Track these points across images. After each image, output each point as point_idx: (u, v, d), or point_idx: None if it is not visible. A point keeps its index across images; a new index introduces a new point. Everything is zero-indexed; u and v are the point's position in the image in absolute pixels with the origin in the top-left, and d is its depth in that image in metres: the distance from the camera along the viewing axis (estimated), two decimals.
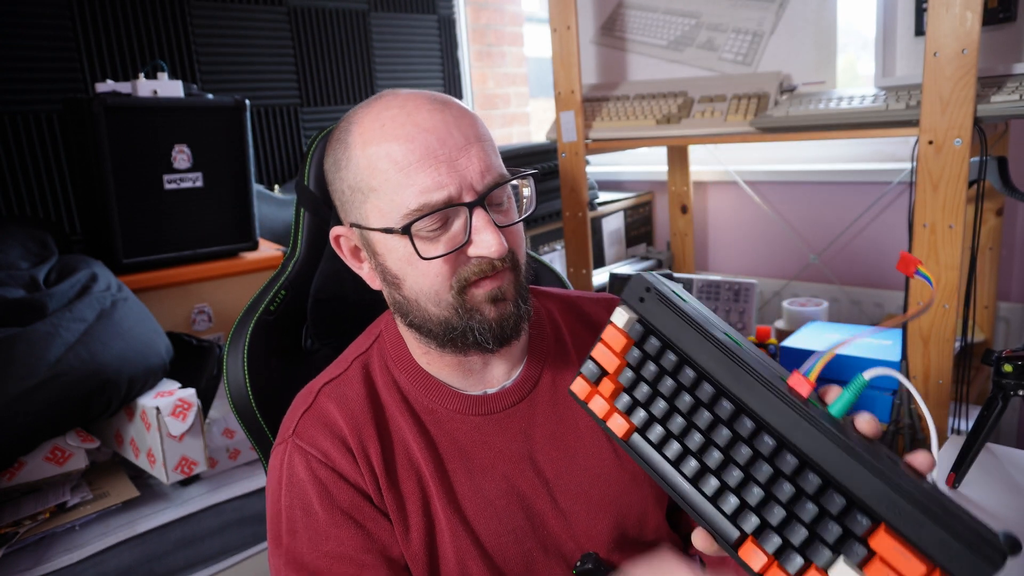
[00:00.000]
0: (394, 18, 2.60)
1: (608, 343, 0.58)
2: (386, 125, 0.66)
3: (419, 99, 0.67)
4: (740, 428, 0.51)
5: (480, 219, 0.66)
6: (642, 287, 0.57)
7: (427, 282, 0.68)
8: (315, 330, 0.89)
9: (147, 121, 1.62)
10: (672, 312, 0.55)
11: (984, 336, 1.72)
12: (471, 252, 0.67)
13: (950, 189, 1.22)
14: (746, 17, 1.68)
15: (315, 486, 0.70)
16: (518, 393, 0.76)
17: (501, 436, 0.75)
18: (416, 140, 0.65)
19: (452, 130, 0.66)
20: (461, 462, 0.73)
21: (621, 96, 1.80)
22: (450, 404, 0.75)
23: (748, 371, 0.51)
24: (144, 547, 1.33)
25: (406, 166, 0.64)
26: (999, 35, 1.37)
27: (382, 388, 0.75)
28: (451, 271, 0.67)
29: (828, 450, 0.47)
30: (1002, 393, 0.99)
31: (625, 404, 0.56)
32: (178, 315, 1.71)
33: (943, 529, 0.43)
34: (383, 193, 0.66)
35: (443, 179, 0.64)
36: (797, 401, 0.49)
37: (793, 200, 2.17)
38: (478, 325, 0.68)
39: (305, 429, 0.72)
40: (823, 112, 1.40)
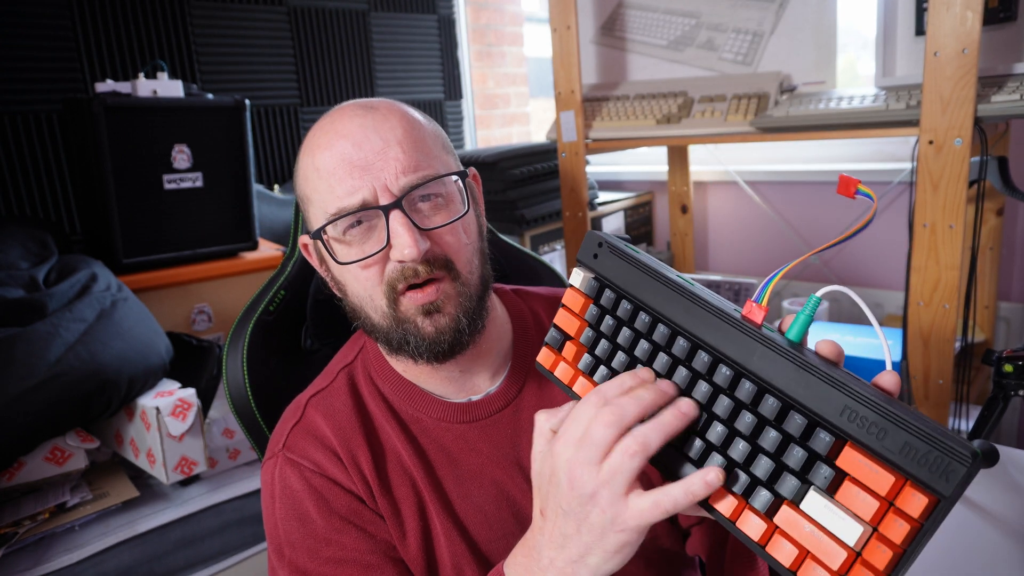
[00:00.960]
0: (394, 18, 2.60)
1: (568, 307, 0.59)
2: (315, 135, 0.68)
3: (348, 107, 0.68)
4: (697, 364, 0.50)
5: (396, 221, 0.64)
6: (595, 243, 0.57)
7: (360, 286, 0.68)
8: (314, 330, 0.89)
9: (147, 121, 1.62)
10: (624, 261, 0.55)
11: (984, 336, 1.72)
12: (391, 256, 0.65)
13: (950, 189, 1.22)
14: (746, 17, 1.68)
15: (310, 494, 0.69)
16: (503, 399, 0.75)
17: (488, 442, 0.74)
18: (334, 147, 0.65)
19: (369, 134, 0.65)
20: (450, 469, 0.73)
21: (621, 96, 1.80)
22: (434, 412, 0.74)
23: (700, 304, 0.51)
24: (144, 547, 1.33)
25: (327, 174, 0.65)
26: (999, 35, 1.37)
27: (368, 398, 0.75)
28: (378, 276, 0.66)
29: (784, 369, 0.46)
30: (1002, 393, 0.99)
31: (587, 364, 0.57)
32: (178, 315, 1.71)
33: (906, 431, 0.41)
34: (315, 201, 0.68)
35: (356, 183, 0.64)
36: (751, 328, 0.48)
37: (793, 200, 2.17)
38: (413, 338, 0.67)
39: (295, 442, 0.72)
40: (823, 112, 1.40)
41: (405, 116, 0.68)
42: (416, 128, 0.68)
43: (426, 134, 0.69)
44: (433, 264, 0.66)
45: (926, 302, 1.27)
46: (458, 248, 0.68)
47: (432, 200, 0.67)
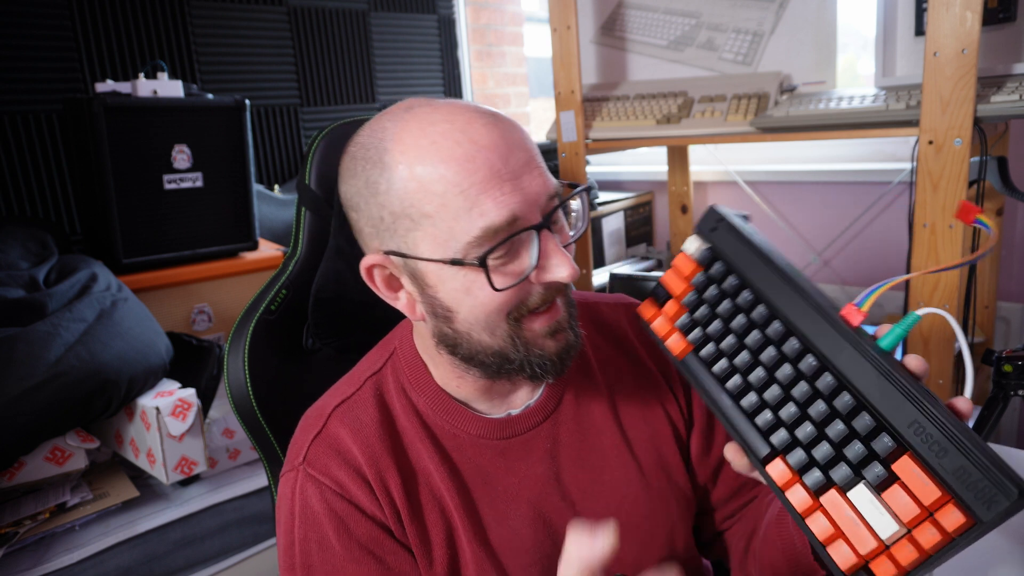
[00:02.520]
0: (394, 18, 2.60)
1: (678, 268, 0.61)
2: (438, 142, 0.58)
3: (468, 112, 0.60)
4: (787, 349, 0.53)
5: (549, 243, 0.60)
6: (715, 218, 0.60)
7: (484, 314, 0.61)
8: (316, 330, 0.89)
9: (147, 121, 1.62)
10: (739, 240, 0.58)
11: (984, 336, 1.72)
12: (542, 278, 0.61)
13: (950, 189, 1.22)
14: (746, 17, 1.68)
15: (331, 519, 0.66)
16: (542, 413, 0.73)
17: (526, 459, 0.71)
18: (477, 160, 0.57)
19: (512, 147, 0.59)
20: (485, 490, 0.70)
21: (621, 96, 1.80)
22: (473, 429, 0.70)
23: (803, 296, 0.53)
24: (144, 547, 1.33)
25: (468, 188, 0.57)
26: (999, 35, 1.37)
27: (399, 412, 0.71)
28: (517, 300, 0.61)
29: (866, 372, 0.49)
30: (1002, 393, 0.99)
31: (684, 324, 0.60)
32: (178, 315, 1.71)
33: (965, 457, 0.44)
34: (440, 220, 0.58)
35: (508, 200, 0.58)
36: (847, 328, 0.51)
37: (793, 200, 2.17)
38: (538, 360, 0.64)
39: (317, 456, 0.68)
40: (823, 112, 1.40)
41: (522, 128, 0.64)
42: (531, 141, 0.63)
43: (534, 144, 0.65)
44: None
45: (926, 302, 1.27)
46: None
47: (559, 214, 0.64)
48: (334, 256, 0.89)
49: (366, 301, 0.89)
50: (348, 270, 0.89)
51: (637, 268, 2.22)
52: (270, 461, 0.87)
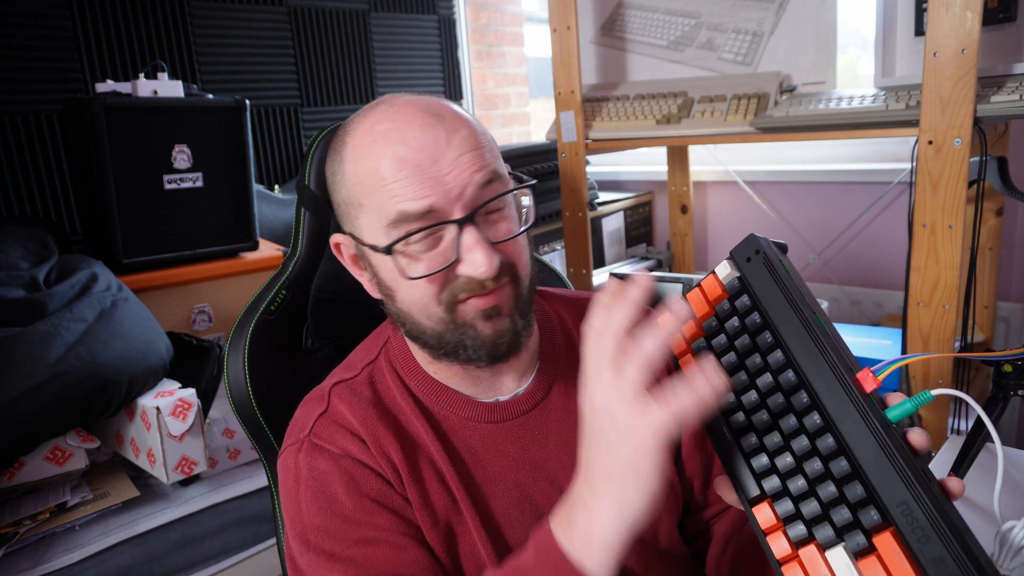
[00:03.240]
0: (394, 18, 2.60)
1: (704, 290, 0.61)
2: (377, 142, 0.64)
3: (412, 112, 0.65)
4: (795, 401, 0.53)
5: (470, 237, 0.63)
6: (752, 248, 0.59)
7: (415, 295, 0.66)
8: (316, 330, 0.89)
9: (147, 121, 1.62)
10: (772, 278, 0.57)
11: (984, 336, 1.72)
12: (460, 271, 0.64)
13: (950, 189, 1.22)
14: (746, 17, 1.68)
15: (339, 475, 0.68)
16: (530, 401, 0.75)
17: (513, 444, 0.73)
18: (406, 160, 0.62)
19: (443, 147, 0.63)
20: (478, 468, 0.72)
21: (621, 96, 1.80)
22: (462, 411, 0.73)
23: (822, 353, 0.53)
24: (144, 547, 1.33)
25: (390, 179, 0.63)
26: (999, 35, 1.37)
27: (395, 394, 0.74)
28: (439, 288, 0.65)
29: (868, 444, 0.49)
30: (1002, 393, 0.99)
31: (700, 348, 0.59)
32: (178, 315, 1.71)
33: (945, 548, 0.45)
34: (370, 208, 0.65)
35: (425, 191, 0.62)
36: (857, 393, 0.51)
37: (793, 200, 2.17)
38: (471, 342, 0.66)
39: (322, 428, 0.70)
40: (823, 112, 1.40)
41: (472, 125, 0.67)
42: (482, 137, 0.67)
43: (488, 142, 0.68)
44: (499, 275, 0.65)
45: (926, 302, 1.27)
46: (519, 254, 0.68)
47: (498, 211, 0.67)
48: (333, 256, 0.89)
49: (366, 301, 0.89)
50: (347, 270, 0.89)
51: (637, 268, 2.22)
52: (270, 461, 0.87)
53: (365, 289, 0.74)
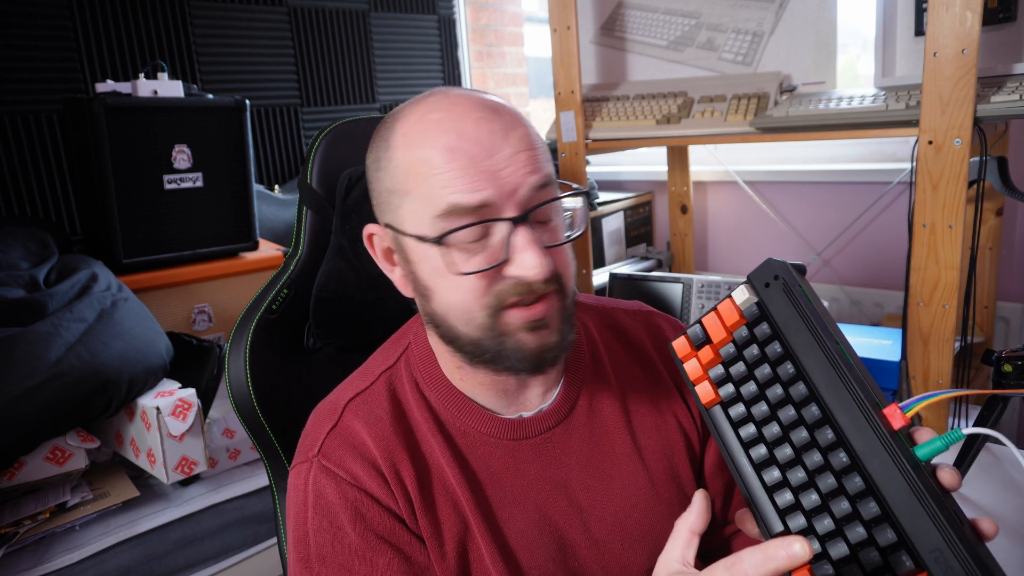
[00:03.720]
0: (394, 18, 2.60)
1: (721, 315, 0.59)
2: (430, 130, 0.62)
3: (468, 103, 0.63)
4: (820, 436, 0.51)
5: (522, 237, 0.60)
6: (771, 273, 0.57)
7: (458, 298, 0.62)
8: (317, 329, 0.89)
9: (147, 121, 1.62)
10: (792, 306, 0.55)
11: (984, 336, 1.72)
12: (509, 272, 0.61)
13: (950, 189, 1.22)
14: (746, 17, 1.68)
15: (346, 509, 0.66)
16: (554, 417, 0.73)
17: (535, 463, 0.71)
18: (460, 150, 0.60)
19: (499, 142, 0.61)
20: (495, 489, 0.70)
21: (621, 96, 1.80)
22: (484, 427, 0.71)
23: (847, 386, 0.51)
24: (144, 547, 1.33)
25: (445, 172, 0.60)
26: (999, 35, 1.37)
27: (413, 407, 0.71)
28: (486, 289, 0.62)
29: (898, 486, 0.47)
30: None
31: (718, 375, 0.58)
32: (178, 315, 1.71)
33: None
34: (418, 196, 0.62)
35: (481, 184, 0.59)
36: (885, 431, 0.49)
37: (793, 200, 2.17)
38: (513, 352, 0.63)
39: (332, 449, 0.68)
40: (823, 112, 1.40)
41: (528, 125, 0.65)
42: (537, 139, 0.64)
43: (542, 144, 0.65)
44: (547, 281, 0.62)
45: (926, 302, 1.27)
46: (567, 264, 0.65)
47: (548, 216, 0.64)
48: (335, 256, 0.89)
49: (368, 301, 0.89)
50: (349, 270, 0.89)
51: (637, 268, 2.22)
52: (271, 461, 0.87)
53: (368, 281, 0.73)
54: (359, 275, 0.89)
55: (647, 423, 0.76)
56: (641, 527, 0.72)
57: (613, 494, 0.72)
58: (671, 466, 0.76)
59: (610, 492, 0.72)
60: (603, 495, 0.72)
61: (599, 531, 0.71)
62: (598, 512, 0.72)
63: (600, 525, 0.71)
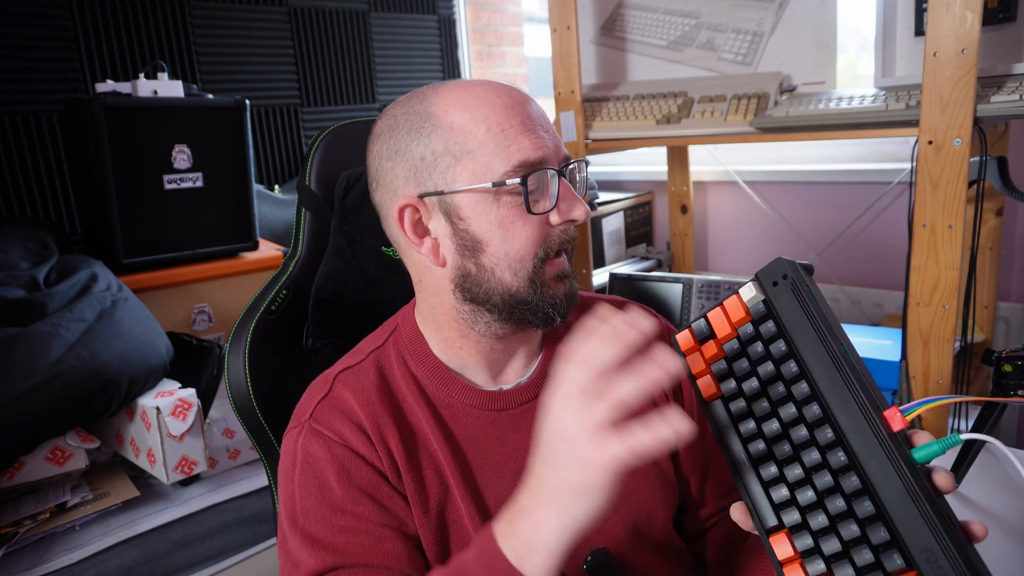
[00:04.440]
0: (394, 18, 2.60)
1: (727, 311, 0.59)
2: (480, 96, 0.68)
3: (498, 84, 0.71)
4: (819, 435, 0.52)
5: (567, 187, 0.69)
6: (780, 272, 0.57)
7: (515, 247, 0.68)
8: (316, 330, 0.89)
9: (147, 121, 1.62)
10: (800, 305, 0.55)
11: (984, 336, 1.72)
12: (558, 217, 0.69)
13: (950, 189, 1.22)
14: (746, 17, 1.68)
15: (332, 463, 0.69)
16: (533, 389, 0.77)
17: (515, 432, 0.75)
18: (516, 109, 0.68)
19: (538, 109, 0.70)
20: (477, 457, 0.74)
21: (621, 96, 1.80)
22: (466, 399, 0.75)
23: (849, 387, 0.52)
24: (144, 547, 1.33)
25: (507, 128, 0.67)
26: (999, 35, 1.37)
27: (400, 380, 0.75)
28: (540, 238, 0.69)
29: (894, 487, 0.48)
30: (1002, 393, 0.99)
31: (720, 370, 0.58)
32: (178, 315, 1.71)
33: None
34: (480, 154, 0.67)
35: (540, 142, 0.67)
36: (884, 432, 0.50)
37: (793, 200, 2.17)
38: (550, 300, 0.70)
39: (322, 414, 0.72)
40: (823, 112, 1.40)
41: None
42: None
43: None
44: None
45: (926, 302, 1.27)
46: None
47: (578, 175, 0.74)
48: (334, 256, 0.89)
49: (366, 301, 0.90)
50: (348, 270, 0.89)
51: (637, 268, 2.22)
52: (270, 460, 0.87)
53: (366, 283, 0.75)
54: (357, 276, 0.89)
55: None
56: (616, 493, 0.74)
57: None
58: None
59: None
60: None
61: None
62: None
63: None
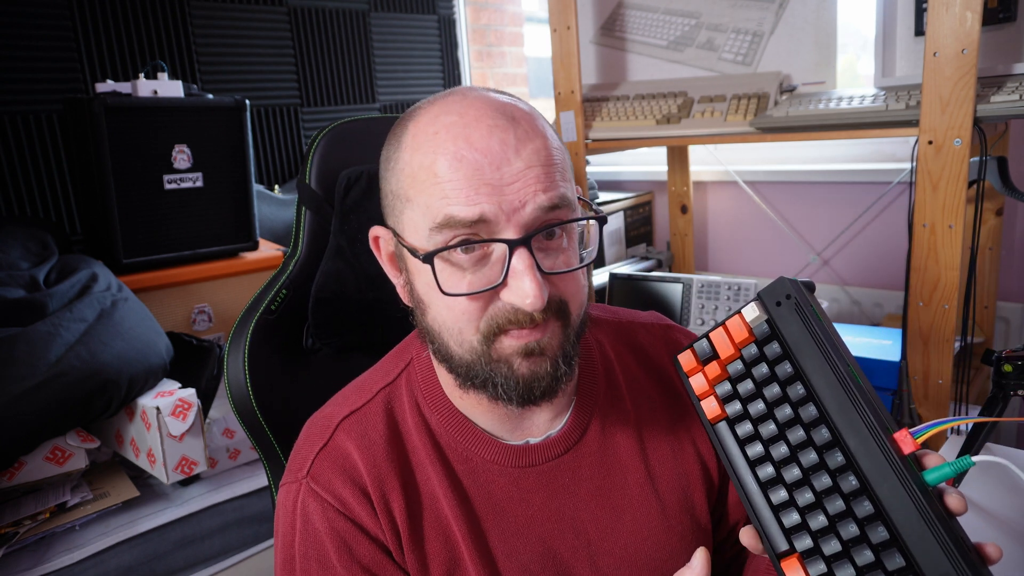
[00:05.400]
0: (394, 18, 2.60)
1: (729, 331, 0.58)
2: (439, 134, 0.58)
3: (484, 109, 0.58)
4: (829, 458, 0.51)
5: (521, 261, 0.55)
6: (783, 292, 0.56)
7: (451, 317, 0.59)
8: (316, 330, 0.89)
9: (147, 121, 1.62)
10: (804, 326, 0.54)
11: (984, 336, 1.72)
12: (504, 297, 0.57)
13: (950, 189, 1.22)
14: (746, 17, 1.68)
15: (332, 539, 0.64)
16: (564, 444, 0.69)
17: (541, 492, 0.67)
18: (465, 160, 0.56)
19: (510, 154, 0.56)
20: (496, 521, 0.66)
21: (621, 96, 1.80)
22: (487, 454, 0.67)
23: (858, 409, 0.51)
24: (144, 547, 1.33)
25: (445, 182, 0.56)
26: (999, 35, 1.37)
27: (411, 429, 0.67)
28: (480, 311, 0.58)
29: (908, 511, 0.48)
30: (1002, 393, 0.99)
31: (725, 392, 0.57)
32: (178, 315, 1.71)
33: None
34: (417, 205, 0.58)
35: (481, 202, 0.55)
36: (895, 455, 0.49)
37: (793, 200, 2.17)
38: (503, 380, 0.59)
39: (321, 471, 0.65)
40: (823, 112, 1.40)
41: (547, 138, 0.59)
42: (556, 152, 0.60)
43: (562, 160, 0.60)
44: (547, 309, 0.57)
45: (926, 302, 1.27)
46: (575, 292, 0.61)
47: (557, 237, 0.59)
48: (334, 256, 0.89)
49: (366, 301, 0.89)
50: (348, 270, 0.89)
51: (637, 268, 2.22)
52: (270, 461, 0.87)
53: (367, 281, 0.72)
54: (358, 275, 0.89)
55: (663, 451, 0.72)
56: (651, 560, 0.69)
57: (623, 526, 0.69)
58: (685, 497, 0.72)
59: (620, 524, 0.69)
60: (613, 527, 0.69)
61: (607, 564, 0.68)
62: (607, 545, 0.68)
63: (608, 558, 0.68)
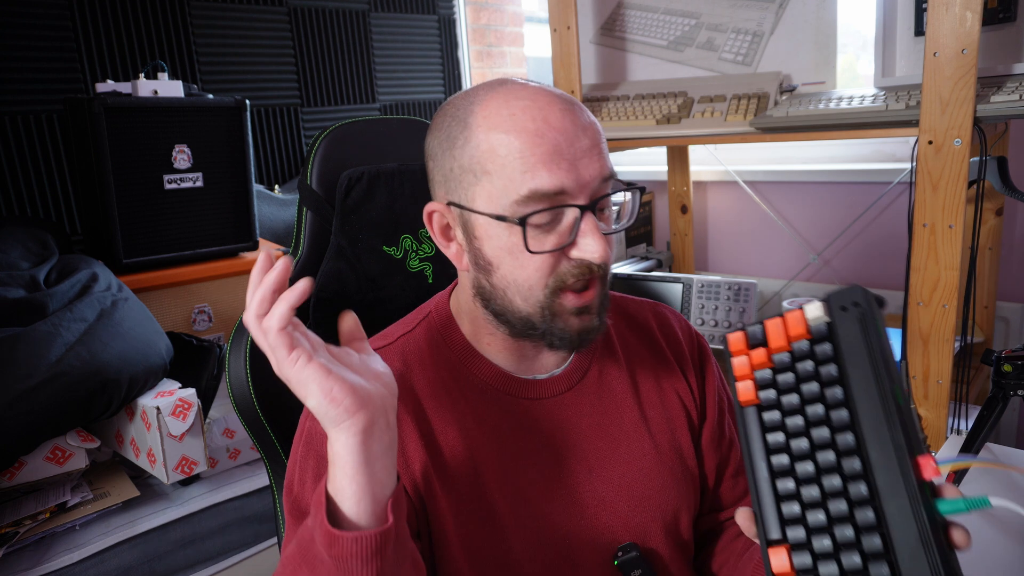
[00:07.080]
0: (394, 18, 2.60)
1: (787, 322, 0.58)
2: (516, 115, 0.65)
3: (548, 96, 0.67)
4: (846, 463, 0.52)
5: (588, 223, 0.66)
6: (852, 299, 0.56)
7: (523, 275, 0.67)
8: (317, 330, 0.88)
9: (147, 121, 1.62)
10: (863, 336, 0.55)
11: (984, 336, 1.72)
12: (574, 254, 0.66)
13: (950, 189, 1.22)
14: (746, 17, 1.68)
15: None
16: (567, 382, 0.77)
17: (548, 422, 0.75)
18: (545, 137, 0.64)
19: (579, 133, 0.66)
20: (510, 442, 0.73)
21: (621, 96, 1.80)
22: (502, 385, 0.75)
23: (890, 426, 0.52)
24: (144, 547, 1.33)
25: (529, 157, 0.64)
26: (999, 35, 1.37)
27: (428, 365, 0.75)
28: (551, 269, 0.67)
29: (908, 531, 0.48)
30: (1001, 393, 0.99)
31: (763, 378, 0.58)
32: (178, 315, 1.71)
33: None
34: (497, 178, 0.65)
35: (561, 175, 0.64)
36: (913, 476, 0.50)
37: (793, 200, 2.17)
38: (560, 332, 0.69)
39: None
40: (823, 112, 1.40)
41: (596, 122, 0.69)
42: (602, 134, 0.69)
43: (605, 140, 0.70)
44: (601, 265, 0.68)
45: (925, 302, 1.27)
46: (612, 252, 0.70)
47: (606, 208, 0.70)
48: (335, 256, 0.89)
49: (367, 301, 0.90)
50: (349, 270, 0.89)
51: (637, 268, 2.22)
52: (271, 460, 0.87)
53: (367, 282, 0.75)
54: (359, 276, 0.89)
55: (653, 396, 0.81)
56: (647, 490, 0.77)
57: (620, 458, 0.77)
58: (674, 438, 0.81)
59: (618, 455, 0.77)
60: (611, 458, 0.77)
61: (607, 491, 0.76)
62: (606, 473, 0.76)
63: (608, 485, 0.76)
